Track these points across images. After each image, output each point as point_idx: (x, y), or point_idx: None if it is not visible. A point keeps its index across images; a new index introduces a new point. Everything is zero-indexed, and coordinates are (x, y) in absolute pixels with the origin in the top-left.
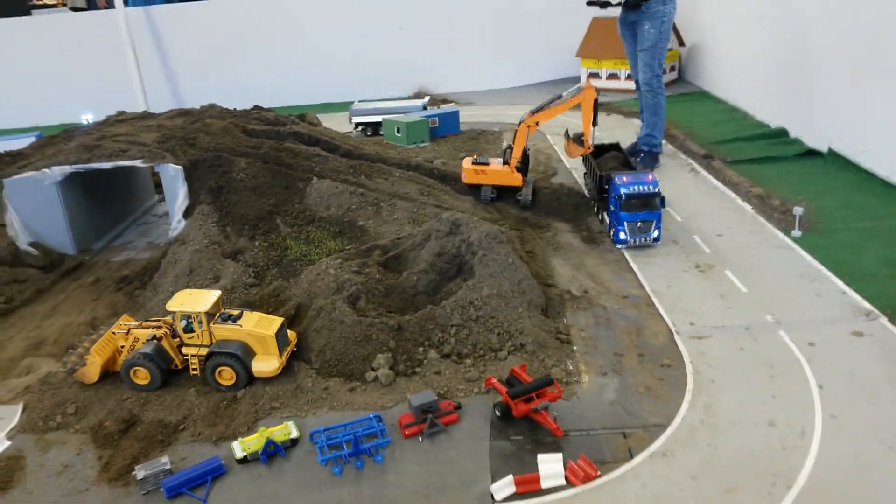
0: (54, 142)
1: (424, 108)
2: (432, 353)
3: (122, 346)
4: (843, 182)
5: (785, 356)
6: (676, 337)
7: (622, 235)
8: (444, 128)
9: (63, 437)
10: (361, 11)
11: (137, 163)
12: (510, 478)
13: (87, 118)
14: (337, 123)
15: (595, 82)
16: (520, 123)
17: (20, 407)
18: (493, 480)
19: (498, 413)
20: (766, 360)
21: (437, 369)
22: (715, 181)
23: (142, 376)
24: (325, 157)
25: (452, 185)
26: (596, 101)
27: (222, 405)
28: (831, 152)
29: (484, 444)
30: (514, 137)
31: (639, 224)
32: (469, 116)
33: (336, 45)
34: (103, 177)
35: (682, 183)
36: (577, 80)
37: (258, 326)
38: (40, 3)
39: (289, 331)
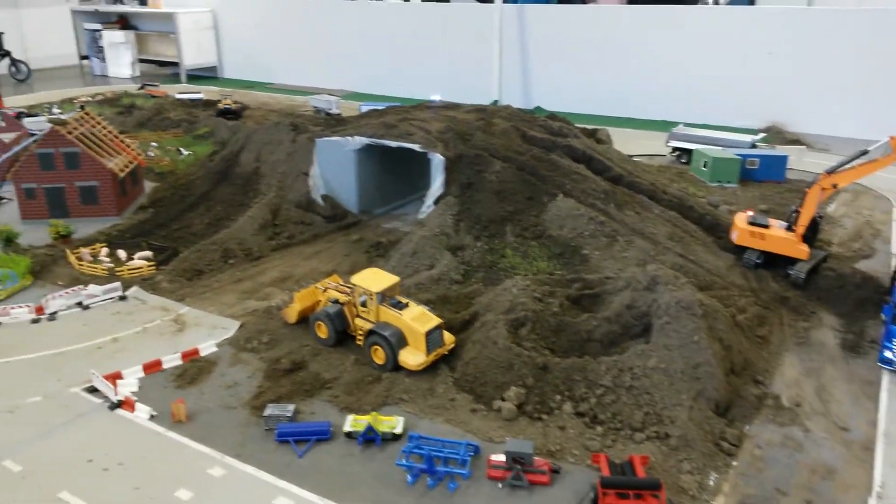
0: (372, 115)
1: (753, 146)
2: (567, 407)
3: (319, 301)
4: None
5: None
6: (873, 500)
7: (888, 354)
8: (765, 171)
9: (249, 359)
10: (726, 29)
11: (416, 147)
12: None
13: (436, 97)
14: (638, 145)
15: None
16: (812, 184)
17: (238, 324)
18: None
19: (592, 496)
20: None
21: (563, 424)
22: None
23: (322, 331)
24: (584, 176)
25: (717, 238)
26: None
27: (366, 380)
28: None
29: None
30: (804, 200)
31: None
32: (811, 164)
33: (688, 61)
34: (404, 152)
35: None
36: None
37: (415, 320)
38: None
39: (447, 334)
